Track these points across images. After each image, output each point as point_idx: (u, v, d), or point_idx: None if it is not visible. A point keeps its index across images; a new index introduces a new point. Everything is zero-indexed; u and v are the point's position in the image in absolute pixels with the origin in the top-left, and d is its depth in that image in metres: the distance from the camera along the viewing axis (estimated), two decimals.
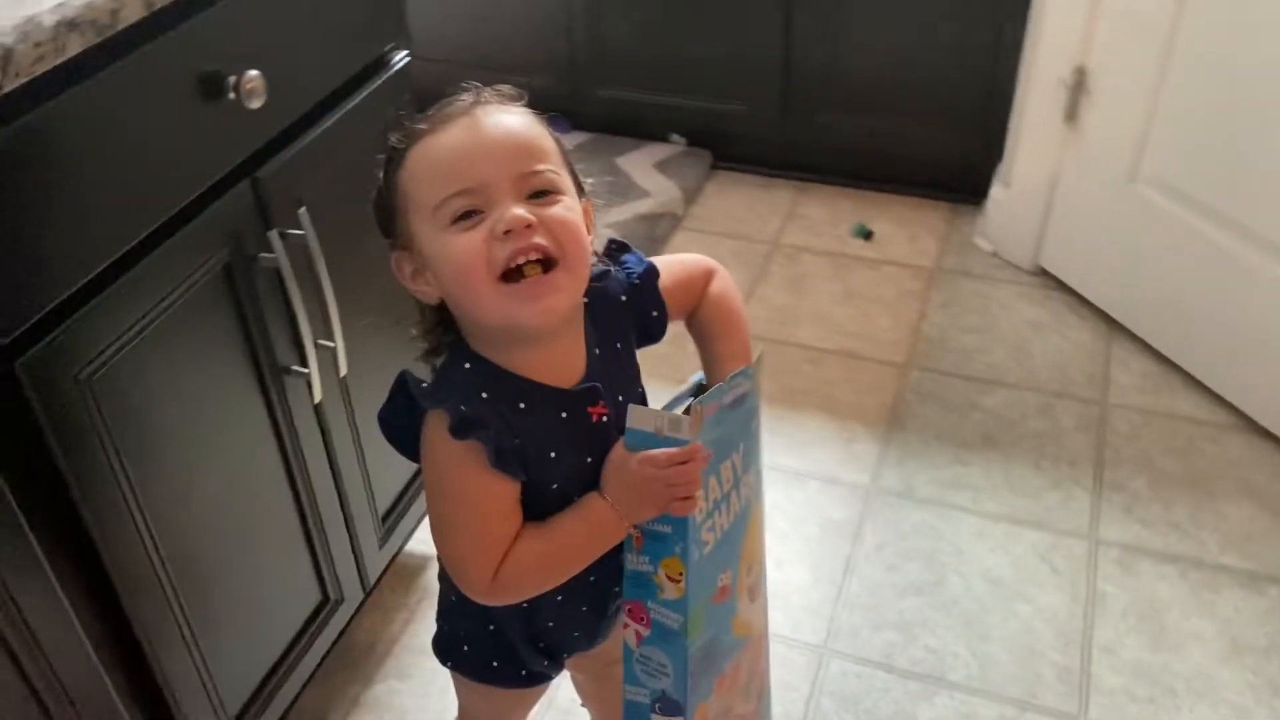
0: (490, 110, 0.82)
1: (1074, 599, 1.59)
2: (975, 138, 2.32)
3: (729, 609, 0.97)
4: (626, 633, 0.94)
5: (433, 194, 0.80)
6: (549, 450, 0.85)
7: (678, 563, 0.88)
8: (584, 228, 0.83)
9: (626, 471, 0.86)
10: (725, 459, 0.92)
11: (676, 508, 0.86)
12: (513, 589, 0.88)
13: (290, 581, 1.32)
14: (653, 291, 0.93)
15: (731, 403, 0.90)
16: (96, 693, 1.03)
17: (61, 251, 0.90)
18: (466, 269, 0.79)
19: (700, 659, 0.94)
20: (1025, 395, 1.94)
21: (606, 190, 2.47)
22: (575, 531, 0.87)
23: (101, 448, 0.97)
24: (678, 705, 0.94)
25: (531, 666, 1.01)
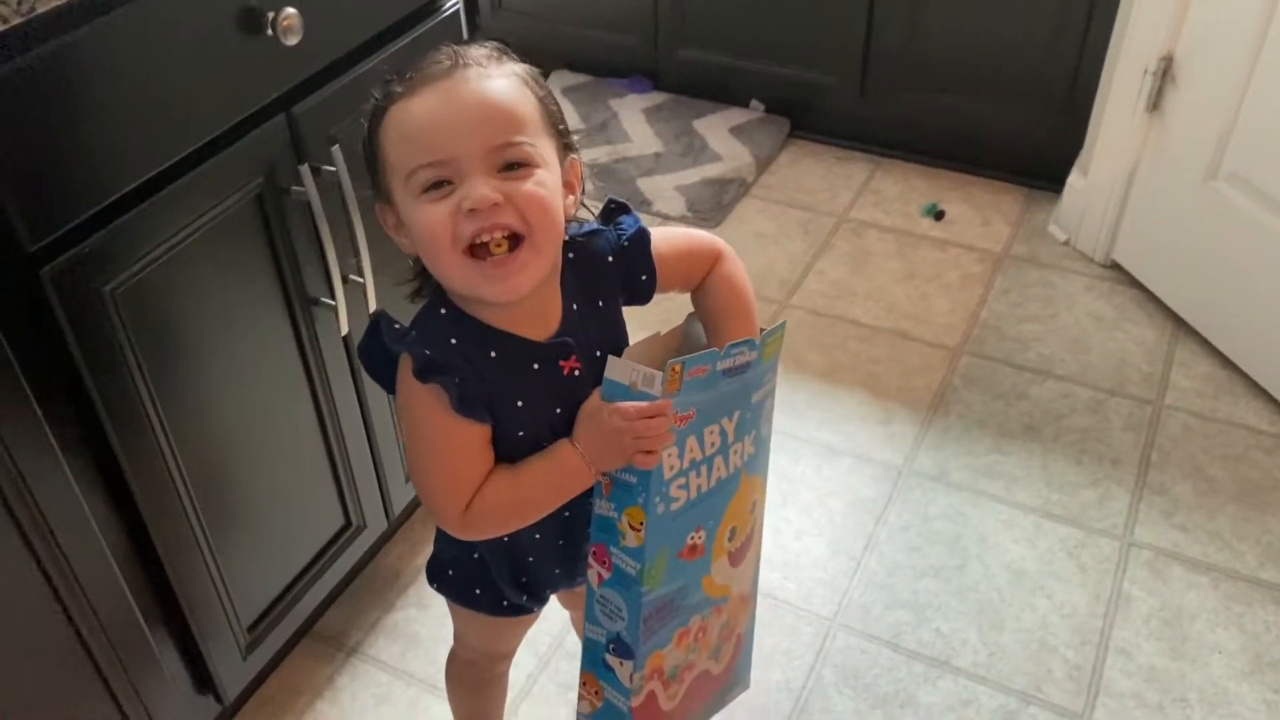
0: (469, 76, 0.81)
1: (1096, 598, 1.56)
2: (1058, 123, 2.26)
3: (700, 568, 0.99)
4: (590, 573, 0.98)
5: (405, 161, 0.81)
6: (516, 399, 0.88)
7: (640, 512, 0.91)
8: (555, 200, 0.83)
9: (597, 420, 0.88)
10: (712, 423, 0.93)
11: (640, 460, 0.88)
12: (482, 525, 0.91)
13: (312, 505, 1.37)
14: (643, 255, 0.94)
15: (727, 370, 0.91)
16: (114, 596, 1.10)
17: (97, 165, 0.95)
18: (433, 240, 0.81)
19: (657, 608, 0.96)
20: (1076, 389, 1.90)
21: (679, 152, 2.48)
22: (544, 474, 0.90)
23: (125, 362, 1.03)
24: (629, 649, 0.97)
25: (512, 599, 1.04)
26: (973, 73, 2.29)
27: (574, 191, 0.89)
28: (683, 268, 0.97)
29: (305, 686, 1.49)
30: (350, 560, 1.48)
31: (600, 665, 1.00)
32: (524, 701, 1.46)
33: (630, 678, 0.98)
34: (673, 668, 1.03)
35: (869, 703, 1.45)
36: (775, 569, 1.62)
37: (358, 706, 1.46)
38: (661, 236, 0.96)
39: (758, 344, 0.93)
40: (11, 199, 0.89)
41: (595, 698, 1.02)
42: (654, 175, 2.43)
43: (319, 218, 1.17)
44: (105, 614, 1.09)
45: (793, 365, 1.97)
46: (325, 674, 1.50)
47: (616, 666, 0.99)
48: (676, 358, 0.87)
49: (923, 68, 2.34)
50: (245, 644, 1.31)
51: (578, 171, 0.89)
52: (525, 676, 1.48)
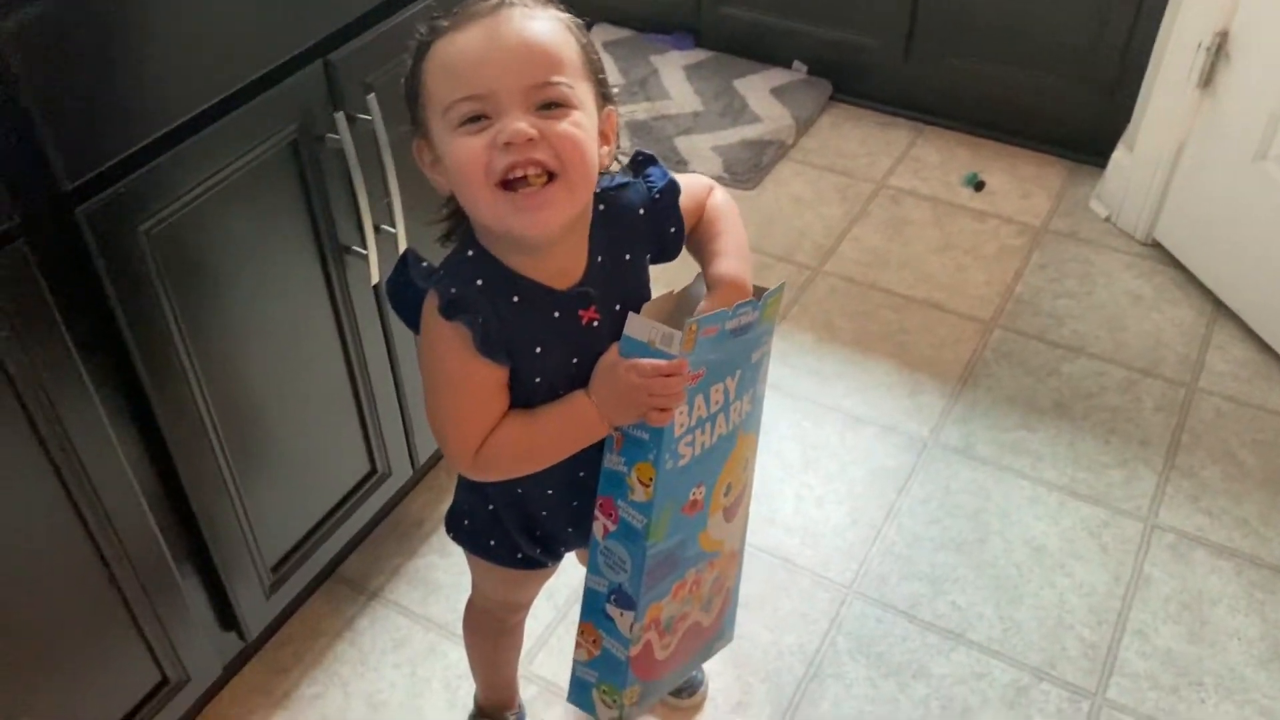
0: (514, 14, 0.82)
1: (1116, 579, 1.56)
2: (1106, 96, 2.21)
3: (699, 522, 1.01)
4: (595, 525, 0.99)
5: (445, 94, 0.81)
6: (535, 345, 0.89)
7: (649, 468, 0.92)
8: (591, 143, 0.83)
9: (614, 374, 0.89)
10: (718, 381, 0.94)
11: (653, 417, 0.89)
12: (492, 466, 0.93)
13: (339, 450, 1.39)
14: (672, 207, 0.94)
15: (734, 329, 0.92)
16: (144, 535, 1.13)
17: (135, 105, 0.96)
18: (466, 172, 0.81)
19: (659, 561, 0.98)
20: (1109, 368, 1.88)
21: (718, 112, 2.46)
22: (557, 422, 0.91)
23: (158, 302, 1.04)
24: (630, 600, 0.99)
25: (526, 551, 1.06)
26: (1021, 41, 2.25)
27: (609, 143, 0.89)
28: (690, 216, 0.98)
29: (326, 628, 1.52)
30: (374, 506, 1.50)
31: (600, 615, 1.03)
32: (540, 652, 1.48)
33: (630, 628, 1.01)
34: (669, 619, 1.05)
35: (881, 671, 1.46)
36: (794, 534, 1.63)
37: (377, 649, 1.49)
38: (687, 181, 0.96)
39: (759, 304, 0.94)
40: (50, 136, 0.89)
41: (593, 646, 1.05)
42: (692, 134, 2.41)
43: (353, 166, 1.18)
44: (135, 552, 1.12)
45: (823, 332, 1.97)
46: (346, 616, 1.53)
47: (617, 617, 1.01)
48: (689, 317, 0.88)
49: (970, 34, 2.30)
50: (269, 584, 1.34)
51: (614, 123, 0.89)
52: (543, 627, 1.50)
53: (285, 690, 1.44)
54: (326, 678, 1.46)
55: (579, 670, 1.08)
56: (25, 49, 0.85)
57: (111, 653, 1.15)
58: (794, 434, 1.78)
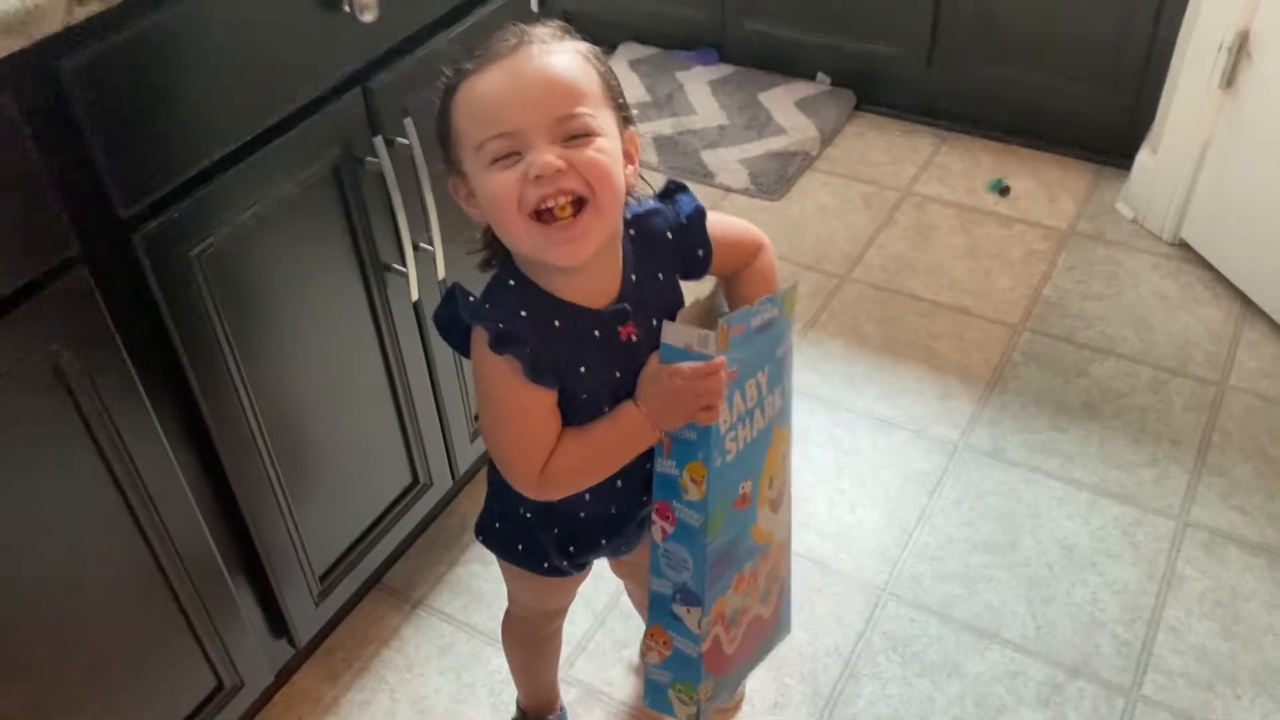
0: (533, 52, 0.85)
1: (1149, 576, 1.57)
2: (1129, 99, 2.23)
3: (749, 516, 1.05)
4: (654, 529, 1.04)
5: (475, 134, 0.86)
6: (579, 365, 0.93)
7: (701, 467, 0.97)
8: (616, 166, 0.87)
9: (658, 382, 0.94)
10: (750, 378, 0.99)
11: (701, 416, 0.94)
12: (558, 485, 0.97)
13: (382, 462, 1.44)
14: (700, 233, 0.98)
15: (759, 326, 0.97)
16: (200, 546, 1.17)
17: (186, 135, 1.01)
18: (500, 206, 0.85)
19: (719, 557, 1.02)
20: (1138, 368, 1.89)
21: (743, 125, 2.49)
22: (611, 434, 0.95)
23: (210, 322, 1.09)
24: (696, 596, 1.03)
25: (553, 561, 1.09)
26: (1043, 46, 2.27)
27: (632, 162, 0.93)
28: (728, 253, 1.02)
29: (373, 635, 1.56)
30: (417, 516, 1.54)
31: (668, 616, 1.07)
32: (579, 658, 1.51)
33: (699, 623, 1.05)
34: (733, 612, 1.09)
35: (916, 670, 1.48)
36: (829, 538, 1.65)
37: (421, 656, 1.53)
38: (716, 220, 1.00)
39: (778, 300, 0.99)
40: (109, 167, 0.95)
41: (664, 647, 1.09)
42: (718, 148, 2.45)
43: (392, 188, 1.22)
44: (191, 562, 1.16)
45: (852, 338, 1.99)
46: (392, 624, 1.57)
47: (684, 615, 1.05)
48: (722, 319, 0.93)
49: (992, 40, 2.32)
50: (318, 592, 1.38)
51: (636, 143, 0.93)
52: (582, 633, 1.54)
53: (335, 696, 1.48)
54: (374, 684, 1.50)
55: (652, 673, 1.11)
56: (84, 84, 0.91)
57: (170, 659, 1.20)
58: (826, 439, 1.80)
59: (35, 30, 0.86)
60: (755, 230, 1.05)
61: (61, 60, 0.89)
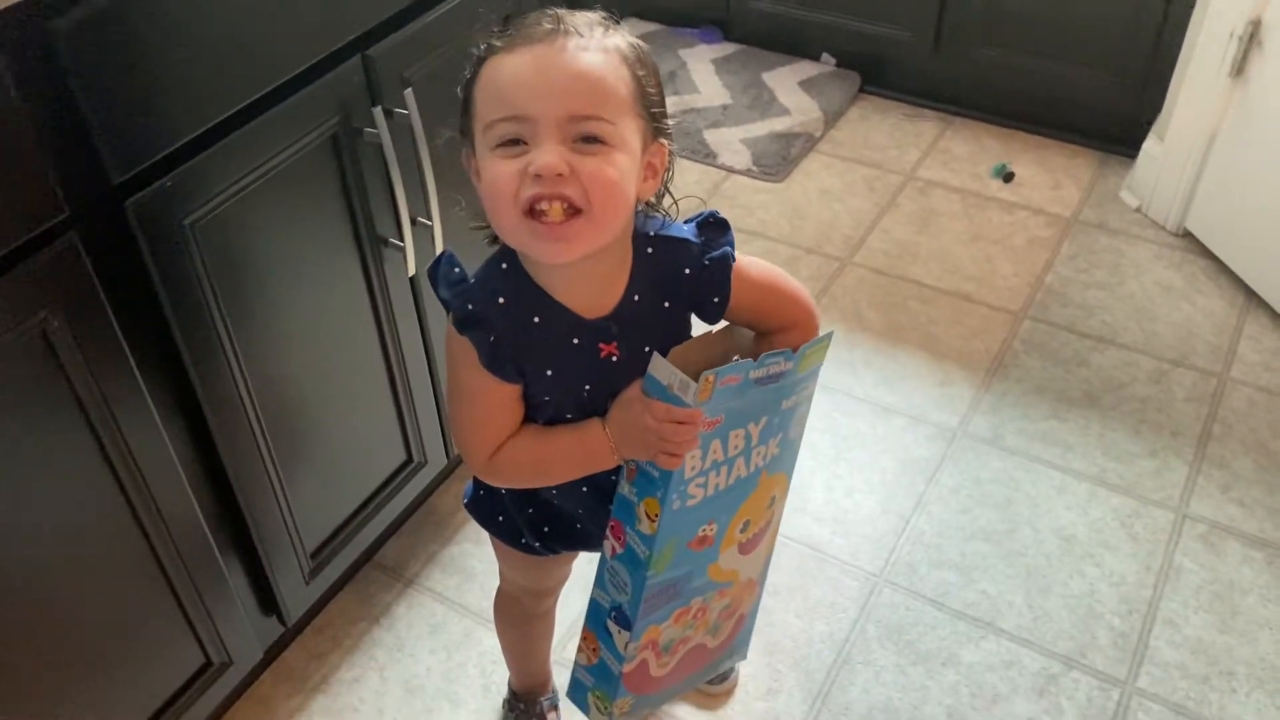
0: (568, 43, 0.81)
1: (1146, 568, 1.56)
2: (1136, 86, 2.20)
3: (709, 555, 1.02)
4: (605, 544, 1.02)
5: (487, 112, 0.82)
6: (547, 367, 0.90)
7: (656, 505, 0.93)
8: (626, 184, 0.82)
9: (631, 411, 0.91)
10: (738, 427, 0.94)
11: (662, 460, 0.90)
12: (503, 474, 0.97)
13: (376, 439, 1.42)
14: (721, 280, 0.92)
15: (759, 379, 0.91)
16: (189, 521, 1.16)
17: (181, 101, 0.99)
18: (495, 195, 0.82)
19: (659, 590, 1.00)
20: (1139, 358, 1.88)
21: (746, 104, 2.47)
22: (570, 445, 0.94)
23: (202, 292, 1.07)
24: (628, 621, 1.01)
25: (528, 539, 1.08)
26: (1051, 31, 2.24)
27: (655, 176, 0.88)
28: (764, 302, 0.96)
29: (364, 613, 1.54)
30: (411, 494, 1.52)
31: (601, 627, 1.05)
32: (572, 639, 1.50)
33: (625, 646, 1.03)
34: (668, 641, 1.07)
35: (911, 658, 1.47)
36: (825, 524, 1.64)
37: (413, 635, 1.52)
38: (755, 264, 0.95)
39: (794, 355, 0.93)
40: (101, 133, 0.92)
41: (593, 653, 1.07)
42: (720, 127, 2.42)
43: (390, 160, 1.20)
44: (181, 538, 1.14)
45: (853, 323, 1.98)
46: (383, 602, 1.56)
47: (615, 633, 1.03)
48: (710, 369, 0.87)
49: (999, 24, 2.29)
50: (309, 570, 1.37)
51: (664, 158, 0.88)
52: (576, 614, 1.52)
53: (324, 674, 1.47)
54: (364, 662, 1.49)
55: (578, 671, 1.11)
56: (78, 47, 0.88)
57: (158, 636, 1.18)
58: (825, 424, 1.79)
59: None
60: (808, 299, 0.98)
61: (51, 20, 0.87)
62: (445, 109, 1.21)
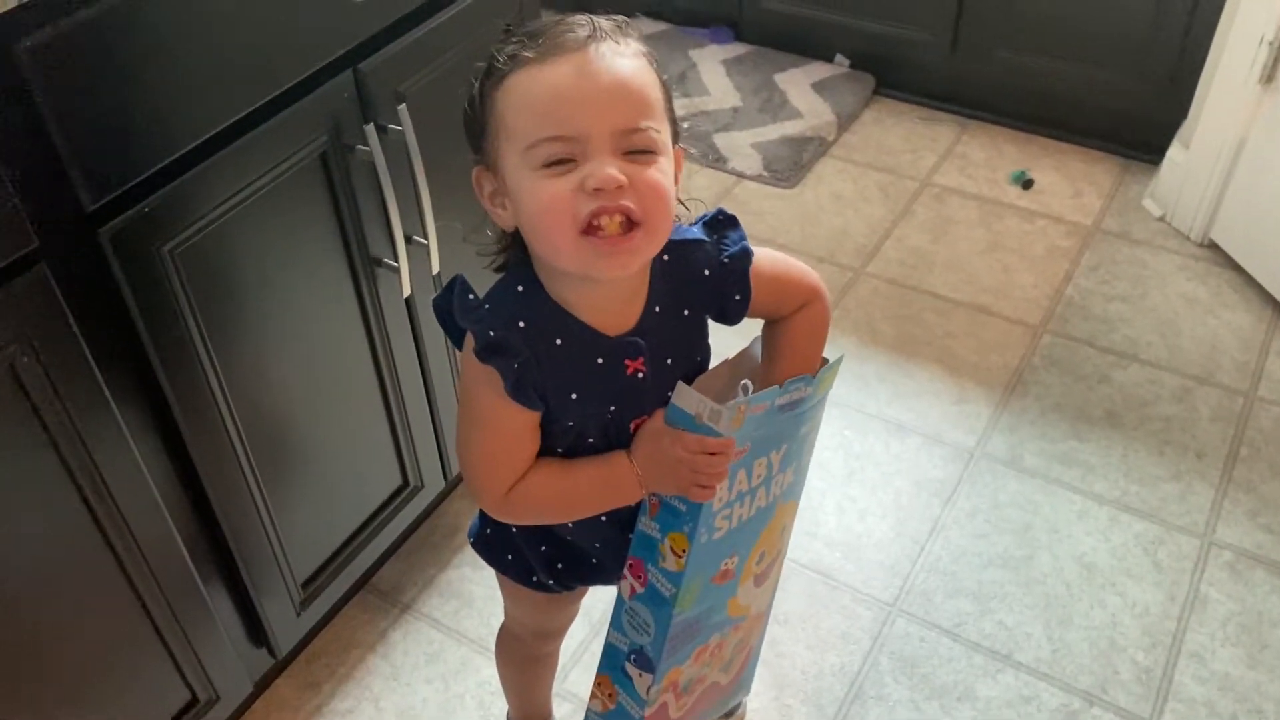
0: (603, 50, 0.77)
1: (1171, 598, 1.50)
2: (1161, 91, 2.13)
3: (728, 590, 0.98)
4: (623, 584, 0.97)
5: (529, 132, 0.76)
6: (570, 391, 0.85)
7: (684, 540, 0.89)
8: (672, 191, 0.80)
9: (658, 444, 0.87)
10: (762, 456, 0.91)
11: (694, 493, 0.87)
12: (520, 511, 0.90)
13: (370, 464, 1.37)
14: (741, 276, 0.89)
15: (783, 406, 0.89)
16: (168, 550, 1.10)
17: (159, 122, 0.93)
18: (549, 217, 0.77)
19: (683, 629, 0.95)
20: (1163, 375, 1.82)
21: (758, 107, 2.41)
22: (594, 479, 0.89)
23: (183, 320, 1.02)
24: (651, 663, 0.96)
25: (541, 577, 1.03)
26: (1073, 33, 2.17)
27: (676, 182, 0.84)
28: (775, 294, 0.93)
29: (358, 640, 1.50)
30: (407, 519, 1.47)
31: (618, 671, 1.00)
32: (574, 669, 1.45)
33: (648, 690, 0.98)
34: (687, 681, 1.03)
35: (925, 693, 1.41)
36: (836, 549, 1.58)
37: (409, 663, 1.47)
38: (764, 256, 0.91)
39: (814, 381, 0.91)
40: (73, 158, 0.87)
41: (609, 699, 1.03)
42: (731, 130, 2.36)
43: (383, 177, 1.14)
44: (160, 571, 1.10)
45: (865, 336, 1.92)
46: (379, 629, 1.51)
47: (635, 677, 0.99)
48: (740, 398, 0.85)
49: (1019, 25, 2.22)
50: (299, 600, 1.32)
51: (680, 162, 0.85)
52: (577, 644, 1.47)
53: (317, 704, 1.42)
54: (359, 692, 1.44)
55: (591, 718, 1.06)
56: (44, 68, 0.83)
57: (139, 673, 1.13)
58: (836, 443, 1.73)
59: None
60: (813, 277, 0.95)
61: (19, 40, 0.81)
62: (441, 124, 1.16)
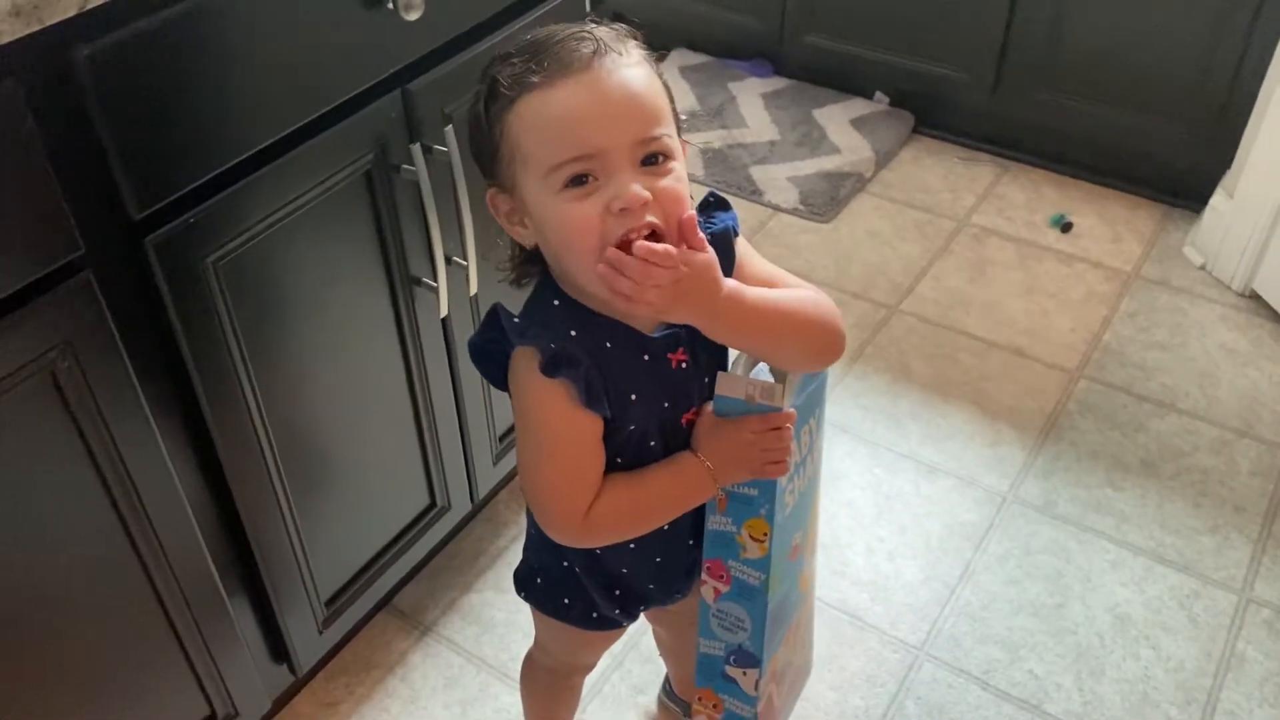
0: (609, 64, 0.77)
1: (1207, 655, 1.47)
2: (1205, 138, 2.11)
3: (799, 566, 1.00)
4: (704, 589, 0.97)
5: (548, 155, 0.76)
6: (630, 392, 0.85)
7: (763, 523, 0.90)
8: (689, 196, 0.80)
9: (721, 435, 0.87)
10: (804, 424, 0.93)
11: (769, 470, 0.87)
12: (604, 531, 0.89)
13: (399, 483, 1.36)
14: (727, 248, 0.88)
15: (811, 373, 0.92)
16: (195, 561, 1.10)
17: (209, 134, 0.94)
18: (578, 240, 0.77)
19: (776, 613, 0.97)
20: (1201, 426, 1.79)
21: (795, 141, 2.40)
22: (669, 484, 0.88)
23: (223, 331, 1.02)
24: (753, 657, 0.97)
25: (603, 611, 1.01)
26: (1117, 77, 2.16)
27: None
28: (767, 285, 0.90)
29: (379, 660, 1.48)
30: (433, 540, 1.46)
31: (719, 678, 1.00)
32: (593, 700, 1.43)
33: (756, 685, 0.99)
34: (783, 667, 1.04)
35: None
36: (864, 589, 1.56)
37: (428, 686, 1.45)
38: (754, 253, 0.91)
39: None
40: (122, 167, 0.87)
41: (714, 710, 1.03)
42: (768, 164, 2.36)
43: (427, 198, 1.14)
44: (187, 581, 1.09)
45: (899, 374, 1.90)
46: (399, 650, 1.50)
47: (739, 677, 0.99)
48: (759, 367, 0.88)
49: (1063, 68, 2.21)
50: (323, 618, 1.31)
51: (685, 153, 0.85)
52: (598, 675, 1.45)
53: None
54: (376, 714, 1.42)
55: None
56: (101, 75, 0.83)
57: (159, 684, 1.13)
58: (866, 481, 1.71)
59: (48, 15, 0.79)
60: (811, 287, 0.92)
61: (76, 48, 0.82)
62: None
